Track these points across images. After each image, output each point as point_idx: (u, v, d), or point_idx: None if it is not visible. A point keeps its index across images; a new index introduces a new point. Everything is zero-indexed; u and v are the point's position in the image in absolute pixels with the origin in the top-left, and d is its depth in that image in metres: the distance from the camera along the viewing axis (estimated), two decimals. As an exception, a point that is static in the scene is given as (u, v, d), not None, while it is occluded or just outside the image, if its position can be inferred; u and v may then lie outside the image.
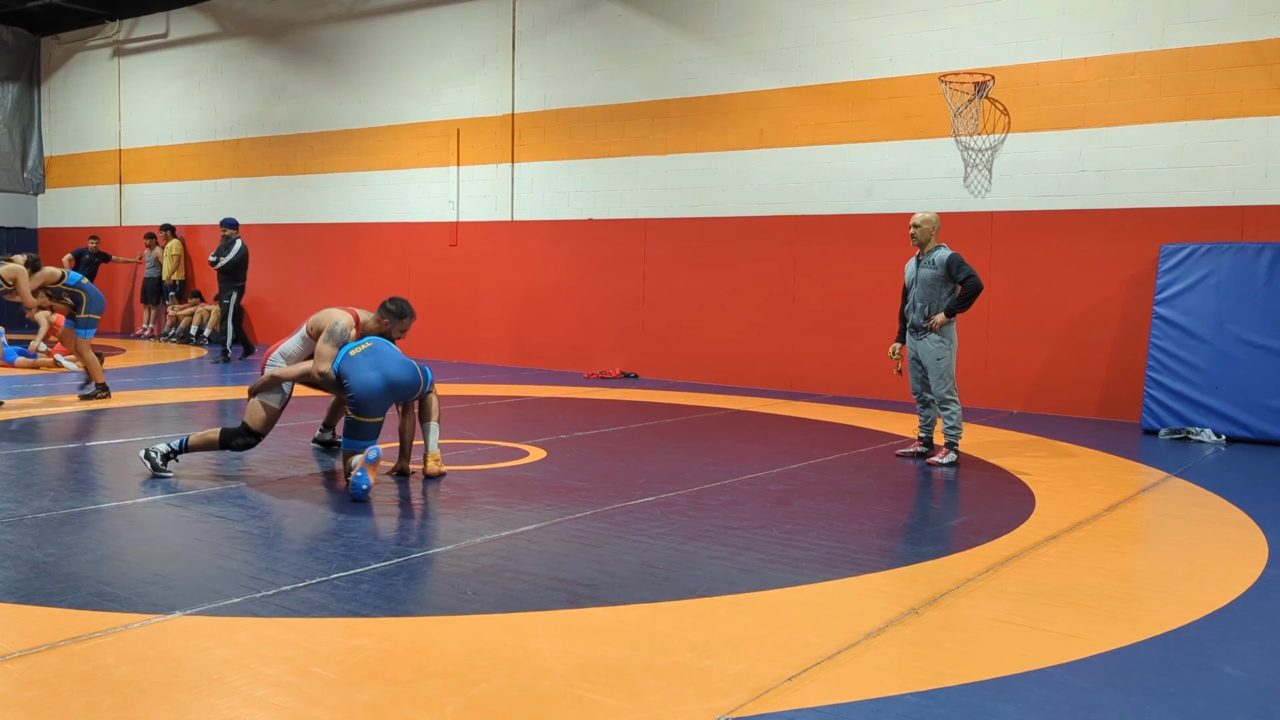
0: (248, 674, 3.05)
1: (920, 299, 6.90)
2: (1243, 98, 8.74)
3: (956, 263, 6.77)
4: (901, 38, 10.29)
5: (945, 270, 6.78)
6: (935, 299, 6.84)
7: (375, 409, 5.69)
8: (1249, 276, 8.29)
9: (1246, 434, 8.11)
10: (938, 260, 6.83)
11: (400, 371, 5.79)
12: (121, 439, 7.21)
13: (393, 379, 5.73)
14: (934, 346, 6.84)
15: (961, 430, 6.89)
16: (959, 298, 6.77)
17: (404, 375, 5.81)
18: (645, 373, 12.14)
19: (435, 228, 13.95)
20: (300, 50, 15.36)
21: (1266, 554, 4.71)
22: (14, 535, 4.56)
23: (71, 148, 18.98)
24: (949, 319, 6.77)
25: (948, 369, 6.84)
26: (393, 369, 5.76)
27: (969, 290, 6.74)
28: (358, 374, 5.67)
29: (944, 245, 6.95)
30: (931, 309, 6.84)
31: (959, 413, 6.86)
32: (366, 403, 5.64)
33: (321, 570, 4.13)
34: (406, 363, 5.87)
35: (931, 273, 6.85)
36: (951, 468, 6.78)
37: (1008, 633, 3.58)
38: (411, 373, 5.86)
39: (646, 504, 5.48)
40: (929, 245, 6.94)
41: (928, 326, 6.83)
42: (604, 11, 12.30)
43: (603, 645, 3.36)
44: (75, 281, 9.09)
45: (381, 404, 5.72)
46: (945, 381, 6.84)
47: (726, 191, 11.51)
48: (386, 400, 5.74)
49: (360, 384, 5.63)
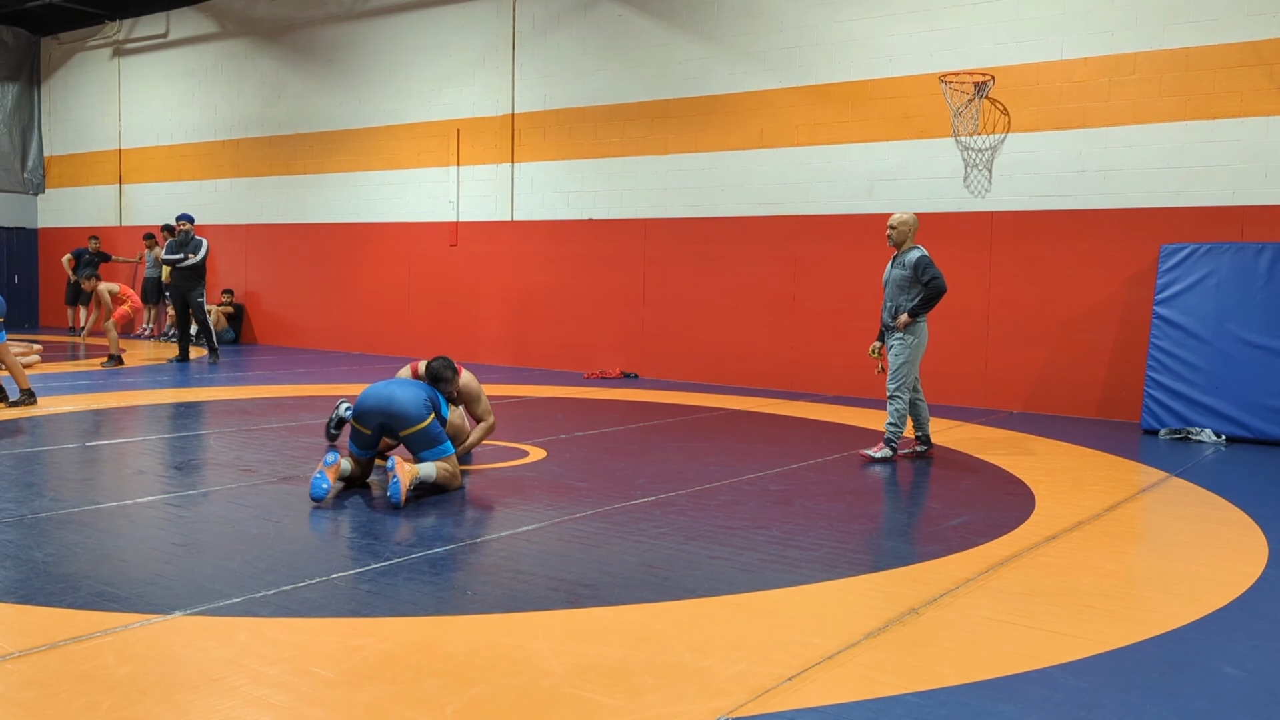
0: (248, 674, 3.05)
1: (890, 299, 7.02)
2: (1243, 98, 8.74)
3: (923, 264, 6.84)
4: (901, 38, 10.29)
5: (912, 271, 6.87)
6: (902, 299, 6.94)
7: (364, 419, 5.57)
8: (1249, 276, 8.29)
9: (1246, 434, 8.11)
10: (908, 261, 6.92)
11: (403, 395, 5.54)
12: (121, 439, 7.21)
13: (391, 395, 5.54)
14: (896, 344, 6.96)
15: (901, 429, 6.95)
16: (920, 299, 6.85)
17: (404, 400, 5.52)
18: (645, 373, 12.14)
19: (435, 228, 13.95)
20: (300, 50, 15.36)
21: (1266, 554, 4.71)
22: (14, 535, 4.56)
23: (71, 148, 18.98)
24: (912, 320, 6.85)
25: (901, 365, 6.92)
26: (397, 390, 5.59)
27: (930, 292, 6.82)
28: (370, 387, 5.68)
29: (918, 246, 7.02)
30: (899, 309, 6.93)
31: (902, 410, 6.93)
32: (359, 410, 5.59)
33: (321, 570, 4.13)
34: (418, 399, 5.56)
35: (901, 273, 6.94)
36: (884, 464, 6.82)
37: (1008, 633, 3.57)
38: (415, 407, 5.52)
39: (646, 504, 5.48)
40: (905, 246, 7.02)
41: (895, 325, 6.93)
42: (604, 11, 12.30)
43: (603, 645, 3.36)
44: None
45: (370, 415, 5.55)
46: (897, 378, 6.93)
47: (726, 191, 11.51)
48: (376, 413, 5.53)
49: (366, 392, 5.65)
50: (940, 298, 6.85)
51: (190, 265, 12.72)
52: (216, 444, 7.17)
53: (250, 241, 16.01)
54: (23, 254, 19.52)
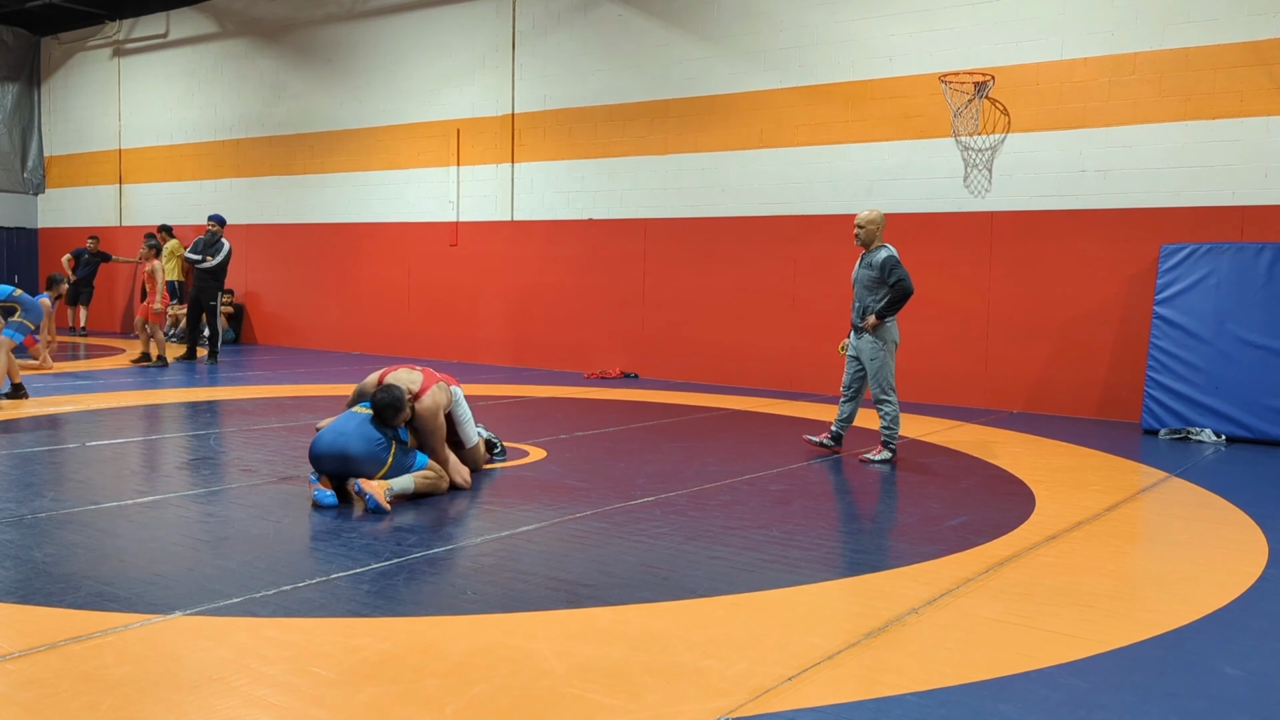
0: (248, 674, 3.05)
1: (858, 298, 6.98)
2: (1243, 98, 8.74)
3: (890, 265, 6.77)
4: (901, 38, 10.29)
5: (879, 272, 6.80)
6: (870, 299, 6.89)
7: (321, 465, 5.37)
8: (1249, 276, 8.29)
9: (1246, 434, 8.11)
10: (875, 261, 6.85)
11: (356, 446, 5.29)
12: (121, 439, 7.22)
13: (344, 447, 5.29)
14: (869, 347, 6.92)
15: (897, 430, 6.92)
16: (886, 301, 6.78)
17: (358, 451, 5.28)
18: (645, 373, 12.14)
19: (435, 228, 13.95)
20: (300, 50, 15.36)
21: (1266, 554, 4.71)
22: (14, 535, 4.56)
23: (71, 148, 18.98)
24: (880, 321, 6.81)
25: (881, 369, 6.89)
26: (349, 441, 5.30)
27: (896, 294, 6.75)
28: (320, 435, 5.43)
29: (887, 245, 6.95)
30: (867, 309, 6.89)
31: (894, 412, 6.88)
32: (315, 458, 5.38)
33: (321, 570, 4.13)
34: (372, 442, 5.31)
35: (869, 274, 6.89)
36: (884, 465, 6.81)
37: (1008, 633, 3.58)
38: (366, 449, 5.29)
39: (646, 504, 5.48)
40: (873, 245, 6.96)
41: (864, 327, 6.89)
42: (604, 11, 12.30)
43: (603, 645, 3.36)
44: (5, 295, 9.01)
45: (325, 461, 5.34)
46: (879, 381, 6.90)
47: (726, 191, 11.51)
48: (331, 460, 5.32)
49: (316, 440, 5.41)
50: (907, 299, 6.78)
51: (208, 267, 12.69)
52: (217, 444, 7.17)
53: (250, 241, 16.01)
54: (23, 254, 19.51)
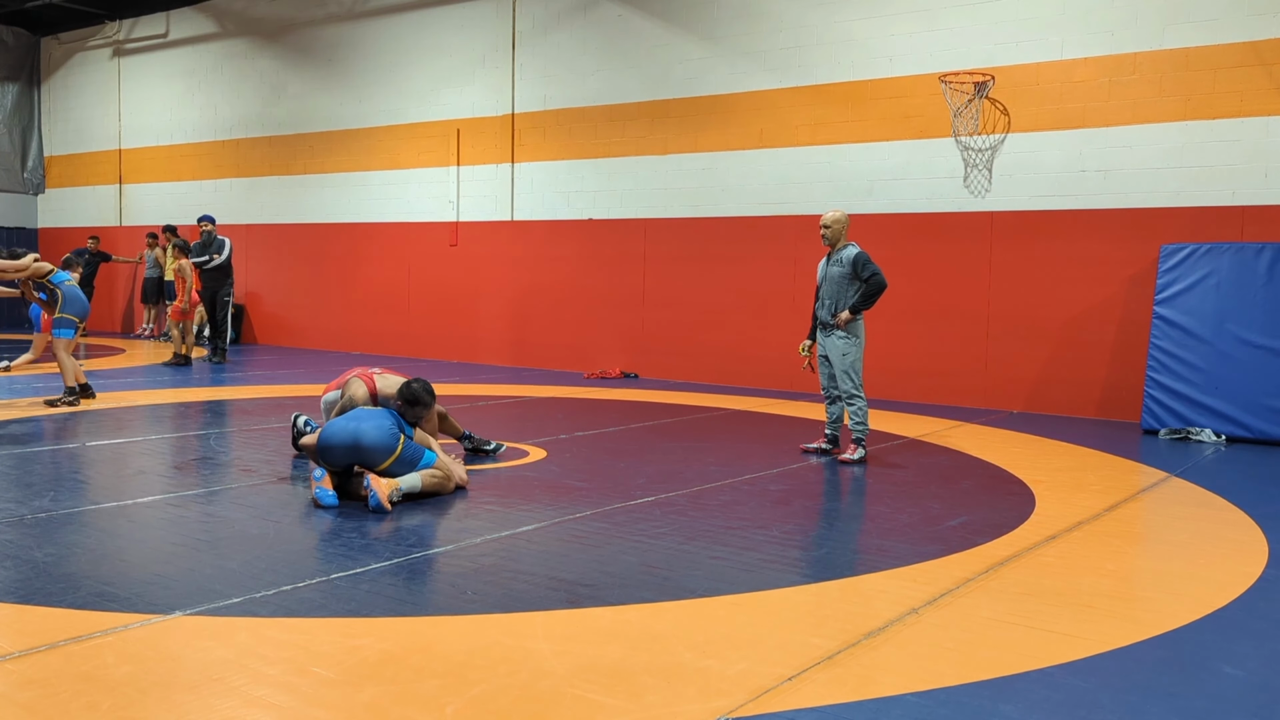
0: (248, 674, 3.05)
1: (829, 296, 7.03)
2: (1243, 98, 8.74)
3: (862, 261, 6.90)
4: (901, 38, 10.29)
5: (851, 268, 6.92)
6: (842, 296, 6.97)
7: (330, 458, 5.44)
8: (1249, 276, 8.29)
9: (1246, 434, 8.11)
10: (845, 258, 6.97)
11: (369, 431, 5.40)
12: (121, 439, 7.21)
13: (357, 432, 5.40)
14: (840, 343, 6.98)
15: (868, 427, 7.00)
16: (861, 295, 6.89)
17: (371, 436, 5.39)
18: (645, 373, 12.13)
19: (435, 228, 13.95)
20: (300, 50, 15.36)
21: (1266, 554, 4.71)
22: (14, 535, 4.56)
23: (71, 148, 18.98)
24: (853, 316, 6.90)
25: (852, 365, 6.95)
26: (362, 425, 5.43)
27: (871, 288, 6.87)
28: (331, 423, 5.52)
29: (853, 244, 7.07)
30: (838, 306, 6.98)
31: (864, 409, 6.97)
32: (324, 449, 5.44)
33: (321, 570, 4.13)
34: (384, 429, 5.43)
35: (839, 271, 6.99)
36: (860, 465, 6.83)
37: (1008, 633, 3.58)
38: (379, 437, 5.40)
39: (646, 504, 5.48)
40: (839, 244, 7.06)
41: (834, 324, 6.95)
42: (604, 11, 12.30)
43: (603, 645, 3.36)
44: (59, 281, 8.82)
45: (336, 453, 5.43)
46: (849, 378, 6.95)
47: (726, 191, 11.51)
48: (342, 451, 5.41)
49: (327, 429, 5.51)
50: (881, 293, 6.89)
51: (216, 266, 12.81)
52: (216, 444, 7.17)
53: (250, 241, 16.01)
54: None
